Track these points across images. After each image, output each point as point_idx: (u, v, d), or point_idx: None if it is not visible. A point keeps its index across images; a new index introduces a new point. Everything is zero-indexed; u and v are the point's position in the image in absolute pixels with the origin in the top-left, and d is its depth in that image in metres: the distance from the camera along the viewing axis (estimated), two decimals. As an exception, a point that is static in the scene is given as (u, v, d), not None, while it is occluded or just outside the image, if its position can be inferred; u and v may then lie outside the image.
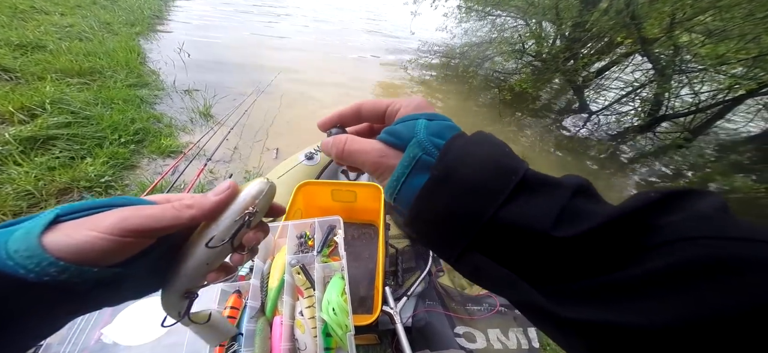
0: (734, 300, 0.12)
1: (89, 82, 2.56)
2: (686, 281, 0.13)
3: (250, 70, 4.03)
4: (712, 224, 0.14)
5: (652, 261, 0.14)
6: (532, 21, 4.78)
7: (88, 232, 0.19)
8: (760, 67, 2.63)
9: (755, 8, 2.44)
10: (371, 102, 0.25)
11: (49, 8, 3.95)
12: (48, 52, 2.78)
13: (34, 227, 0.18)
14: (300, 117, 3.10)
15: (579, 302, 0.15)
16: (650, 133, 3.72)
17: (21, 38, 2.80)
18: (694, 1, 2.73)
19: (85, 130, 1.99)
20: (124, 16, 4.72)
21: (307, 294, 0.64)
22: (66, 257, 0.18)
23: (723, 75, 2.93)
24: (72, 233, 0.19)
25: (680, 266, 0.13)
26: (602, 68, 4.44)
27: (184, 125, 2.51)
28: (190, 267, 0.24)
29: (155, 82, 3.03)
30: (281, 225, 0.79)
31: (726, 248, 0.13)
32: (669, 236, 0.14)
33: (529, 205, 0.17)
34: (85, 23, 3.79)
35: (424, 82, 5.08)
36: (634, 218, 0.15)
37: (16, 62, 2.39)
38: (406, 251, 1.01)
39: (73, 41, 3.19)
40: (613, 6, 3.70)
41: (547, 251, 0.16)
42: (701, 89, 3.19)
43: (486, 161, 0.18)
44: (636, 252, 0.15)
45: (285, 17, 8.65)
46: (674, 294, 0.13)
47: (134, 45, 3.64)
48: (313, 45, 6.06)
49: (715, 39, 2.81)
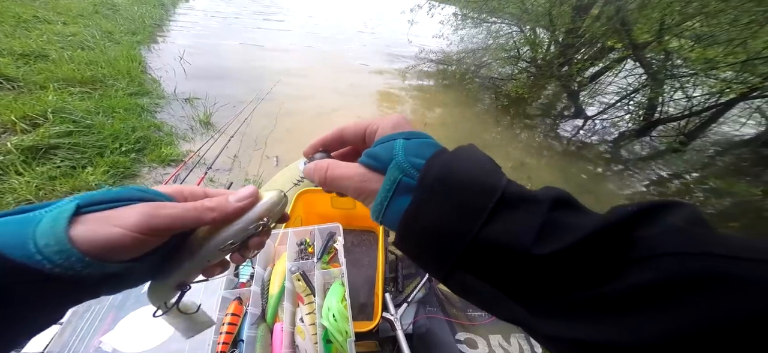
0: (722, 318, 0.12)
1: (91, 91, 2.59)
2: (671, 297, 0.13)
3: (251, 78, 4.06)
4: (692, 239, 0.14)
5: (634, 276, 0.14)
6: (527, 27, 4.86)
7: (113, 229, 0.19)
8: (749, 71, 2.68)
9: (740, 14, 2.51)
10: (353, 125, 0.25)
11: (52, 18, 4.01)
12: (50, 61, 2.81)
13: (59, 220, 0.18)
14: (300, 124, 3.12)
15: (562, 318, 0.15)
16: (646, 137, 3.77)
17: (24, 47, 2.83)
18: (681, 8, 2.80)
19: (86, 139, 2.00)
20: (125, 26, 4.77)
21: (307, 301, 0.64)
22: (90, 252, 0.18)
23: (713, 79, 2.99)
24: (98, 229, 0.19)
25: (665, 282, 0.13)
26: (596, 73, 4.51)
27: (185, 134, 2.53)
28: (194, 262, 0.24)
29: (156, 90, 3.06)
30: (281, 232, 0.80)
31: (713, 266, 0.13)
32: (649, 250, 0.14)
33: (509, 223, 0.17)
34: (87, 32, 3.83)
35: (421, 88, 5.14)
36: (613, 232, 0.15)
37: (18, 71, 2.42)
38: (405, 258, 1.02)
39: (76, 50, 3.22)
40: (604, 12, 3.79)
41: (529, 268, 0.16)
42: (693, 93, 3.25)
43: (465, 180, 0.18)
44: (617, 267, 0.15)
45: (285, 25, 8.76)
46: (660, 310, 0.13)
47: (135, 54, 3.68)
48: (312, 52, 6.14)
49: (703, 44, 2.87)
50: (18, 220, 0.18)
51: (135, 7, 6.18)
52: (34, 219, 0.18)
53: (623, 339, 0.13)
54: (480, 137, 3.84)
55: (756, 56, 2.55)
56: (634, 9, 3.30)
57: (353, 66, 5.76)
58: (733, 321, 0.12)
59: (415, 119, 3.94)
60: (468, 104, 4.80)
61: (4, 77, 2.30)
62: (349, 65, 5.78)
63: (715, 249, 0.13)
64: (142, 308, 0.68)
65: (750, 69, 2.67)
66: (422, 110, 4.36)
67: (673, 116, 3.52)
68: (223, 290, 0.72)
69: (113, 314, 0.68)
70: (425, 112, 4.31)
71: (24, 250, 0.17)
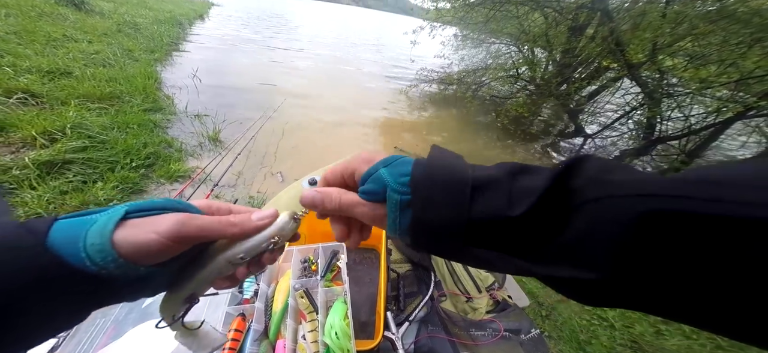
0: (659, 251, 0.15)
1: (108, 107, 2.69)
2: (598, 237, 0.17)
3: (259, 94, 4.21)
4: (602, 185, 0.18)
5: (575, 224, 0.18)
6: (525, 47, 5.01)
7: (149, 234, 0.21)
8: (744, 90, 2.73)
9: (729, 35, 2.59)
10: (331, 172, 0.28)
11: (79, 36, 4.25)
12: (73, 78, 2.96)
13: (108, 223, 0.20)
14: (305, 141, 3.19)
15: (545, 263, 0.20)
16: (647, 156, 3.76)
17: (51, 65, 2.99)
18: (671, 29, 2.88)
19: (99, 154, 2.06)
20: (145, 44, 5.03)
21: (310, 318, 0.65)
22: (125, 254, 0.20)
23: (709, 98, 3.03)
24: (137, 233, 0.21)
25: (591, 226, 0.17)
26: (594, 92, 4.58)
27: (193, 150, 2.59)
28: (205, 273, 0.26)
29: (169, 106, 3.17)
30: (286, 250, 0.82)
31: (618, 204, 0.17)
32: (579, 199, 0.19)
33: (486, 200, 0.21)
34: (110, 50, 4.04)
35: (423, 106, 5.24)
36: (556, 187, 0.20)
37: (43, 88, 2.54)
38: (407, 276, 1.02)
39: (98, 68, 3.39)
40: (598, 33, 3.90)
41: (513, 228, 0.20)
42: (690, 111, 3.29)
43: (446, 182, 0.22)
44: (565, 215, 0.19)
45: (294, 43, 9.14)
46: (597, 248, 0.17)
47: (152, 71, 3.85)
48: (319, 70, 6.36)
49: (697, 64, 2.93)
50: (80, 222, 0.20)
51: (154, 26, 6.53)
52: (90, 221, 0.20)
53: (583, 275, 0.18)
54: (481, 154, 3.87)
55: (749, 76, 2.60)
56: (628, 29, 3.41)
57: (358, 84, 5.94)
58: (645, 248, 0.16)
59: (416, 137, 4.00)
60: (469, 122, 4.87)
61: (30, 93, 2.42)
62: (354, 83, 5.96)
63: (616, 192, 0.17)
64: (144, 323, 0.69)
65: (744, 88, 2.73)
66: (424, 127, 4.43)
67: (672, 135, 3.53)
68: (226, 306, 0.73)
69: (114, 328, 0.69)
70: (427, 129, 4.38)
71: (74, 247, 0.19)
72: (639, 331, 1.66)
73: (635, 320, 1.72)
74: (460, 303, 1.07)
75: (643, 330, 1.68)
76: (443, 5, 5.36)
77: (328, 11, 39.22)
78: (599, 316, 1.73)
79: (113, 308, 0.71)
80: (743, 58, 2.57)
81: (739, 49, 2.57)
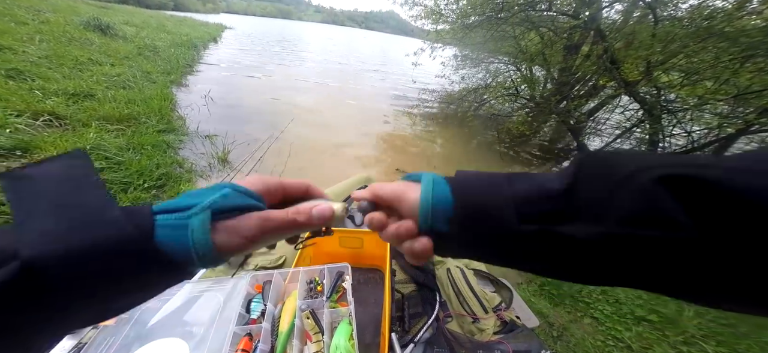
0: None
1: (125, 129, 2.81)
2: None
3: (267, 115, 4.34)
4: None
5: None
6: (523, 66, 5.10)
7: (239, 239, 0.23)
8: (743, 106, 2.72)
9: (720, 53, 2.62)
10: (388, 192, 0.29)
11: (103, 60, 4.51)
12: (96, 100, 3.11)
13: (205, 230, 0.21)
14: (311, 162, 3.24)
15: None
16: None
17: (76, 87, 3.16)
18: (662, 47, 2.93)
19: (114, 175, 2.13)
20: (162, 66, 5.30)
21: (315, 339, 0.67)
22: (219, 253, 0.22)
23: (708, 114, 3.03)
24: (230, 239, 0.23)
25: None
26: (593, 109, 4.59)
27: (203, 171, 2.64)
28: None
29: (181, 127, 3.29)
30: (292, 271, 0.84)
31: None
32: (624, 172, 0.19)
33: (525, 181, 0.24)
34: (130, 73, 4.25)
35: (426, 125, 5.31)
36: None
37: (68, 110, 2.68)
38: (412, 297, 1.01)
39: (118, 90, 3.57)
40: (593, 51, 3.95)
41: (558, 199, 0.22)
42: (691, 128, 3.28)
43: (485, 212, 0.23)
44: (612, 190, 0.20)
45: (301, 64, 9.49)
46: None
47: (168, 92, 4.03)
48: (325, 92, 6.55)
49: (693, 80, 2.96)
50: (179, 224, 0.21)
51: (172, 49, 6.90)
52: (185, 226, 0.21)
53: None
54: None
55: (746, 91, 2.60)
56: (621, 47, 3.47)
57: (363, 105, 6.08)
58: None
59: (419, 156, 4.04)
60: (470, 140, 4.90)
61: (55, 115, 2.55)
62: (359, 104, 6.10)
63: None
64: (149, 344, 0.70)
65: (744, 104, 2.73)
66: (427, 145, 4.47)
67: (676, 152, 3.49)
68: (234, 325, 0.75)
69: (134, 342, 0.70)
70: (430, 148, 4.42)
71: (185, 253, 0.21)
72: (659, 353, 1.58)
73: (654, 341, 1.65)
74: (467, 324, 1.06)
75: (663, 352, 1.60)
76: (442, 27, 5.57)
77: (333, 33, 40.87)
78: (614, 337, 1.66)
79: (121, 327, 0.73)
80: (736, 75, 2.59)
81: (733, 65, 2.60)
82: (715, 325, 1.78)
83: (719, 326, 1.77)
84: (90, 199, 0.20)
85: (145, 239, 0.20)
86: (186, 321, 0.71)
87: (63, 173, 0.20)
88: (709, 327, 1.76)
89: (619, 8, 3.92)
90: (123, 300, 0.21)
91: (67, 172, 0.20)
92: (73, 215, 0.18)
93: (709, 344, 1.66)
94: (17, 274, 0.16)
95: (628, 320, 1.77)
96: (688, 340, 1.68)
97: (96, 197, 0.20)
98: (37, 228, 0.17)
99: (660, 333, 1.71)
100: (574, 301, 1.87)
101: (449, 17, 5.35)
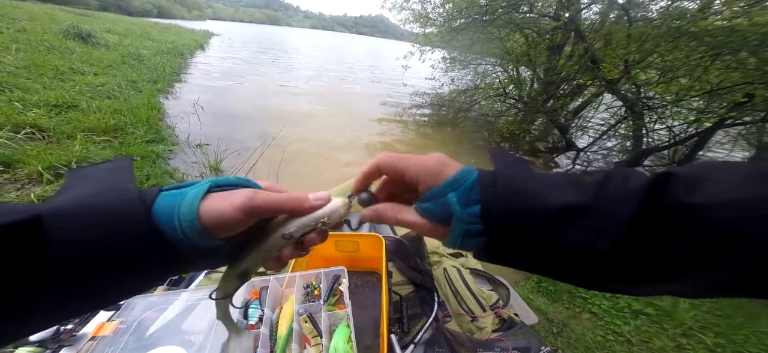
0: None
1: (112, 140, 2.73)
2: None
3: (259, 122, 4.29)
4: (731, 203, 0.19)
5: (683, 240, 0.19)
6: (510, 67, 5.21)
7: (225, 205, 0.23)
8: (717, 102, 2.88)
9: (690, 51, 2.79)
10: (389, 161, 0.28)
11: (86, 69, 4.36)
12: (79, 110, 3.00)
13: (198, 195, 0.22)
14: (305, 167, 3.22)
15: (652, 280, 0.21)
16: (639, 167, 3.84)
17: (58, 98, 3.04)
18: (638, 46, 3.07)
19: (103, 186, 2.08)
20: (148, 74, 5.15)
21: (314, 342, 0.67)
22: (205, 224, 0.22)
23: (685, 109, 3.18)
24: (215, 205, 0.23)
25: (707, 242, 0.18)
26: (578, 107, 4.72)
27: (195, 181, 2.59)
28: (260, 247, 0.28)
29: (171, 137, 3.21)
30: (288, 276, 0.84)
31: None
32: (700, 217, 0.19)
33: (575, 232, 0.21)
34: (115, 82, 4.12)
35: (417, 128, 5.35)
36: (648, 209, 0.20)
37: (51, 122, 2.58)
38: (410, 298, 1.02)
39: (103, 100, 3.46)
40: (575, 51, 4.08)
41: (602, 257, 0.21)
42: (672, 123, 3.43)
43: (524, 213, 0.22)
44: (669, 232, 0.19)
45: (292, 70, 9.45)
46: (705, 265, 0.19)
47: (155, 102, 3.92)
48: (317, 97, 6.53)
49: (669, 77, 3.11)
50: (176, 194, 0.23)
51: (157, 57, 6.75)
52: (182, 195, 0.23)
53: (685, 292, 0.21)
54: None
55: (718, 88, 2.75)
56: (601, 47, 3.61)
57: (355, 109, 6.09)
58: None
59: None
60: (463, 141, 4.97)
61: (38, 128, 2.46)
62: (351, 108, 6.11)
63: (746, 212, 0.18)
64: (162, 348, 0.69)
65: (717, 100, 2.87)
66: (420, 148, 4.52)
67: (660, 146, 3.64)
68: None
69: None
70: (423, 150, 4.42)
71: (170, 218, 0.21)
72: (658, 346, 1.60)
73: (653, 334, 1.66)
74: (465, 323, 1.07)
75: (662, 344, 1.61)
76: (431, 30, 5.66)
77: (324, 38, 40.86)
78: (614, 332, 1.67)
79: (120, 337, 0.72)
80: (706, 73, 2.74)
81: (703, 63, 2.74)
82: (711, 316, 1.80)
83: (715, 317, 1.80)
84: (118, 179, 0.23)
85: (145, 209, 0.21)
86: (184, 329, 0.71)
87: (110, 167, 0.24)
88: (705, 318, 1.78)
89: (597, 10, 4.08)
90: (122, 279, 0.21)
91: (113, 166, 0.25)
92: (98, 188, 0.21)
93: (707, 335, 1.68)
94: (27, 219, 0.17)
95: (625, 314, 1.78)
96: (686, 332, 1.69)
97: (124, 179, 0.23)
98: (68, 194, 0.20)
99: (658, 325, 1.72)
100: (571, 297, 1.88)
101: (437, 21, 5.45)
